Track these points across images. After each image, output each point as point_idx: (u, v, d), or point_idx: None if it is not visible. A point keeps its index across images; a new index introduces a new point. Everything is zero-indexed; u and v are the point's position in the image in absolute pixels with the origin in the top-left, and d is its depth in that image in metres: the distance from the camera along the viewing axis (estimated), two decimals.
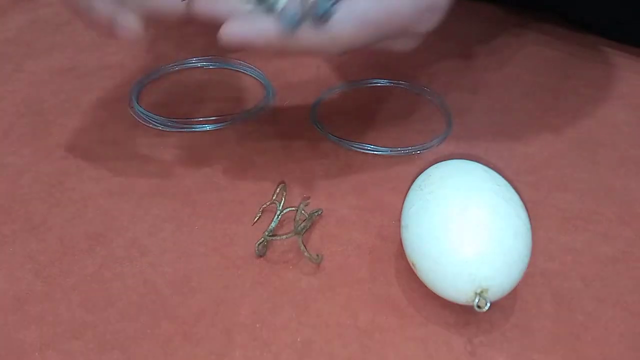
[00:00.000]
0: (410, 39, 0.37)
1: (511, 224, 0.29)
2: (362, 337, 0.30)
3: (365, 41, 0.35)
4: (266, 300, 0.32)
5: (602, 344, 0.30)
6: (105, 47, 0.54)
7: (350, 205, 0.38)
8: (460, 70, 0.51)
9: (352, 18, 0.33)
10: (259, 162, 0.41)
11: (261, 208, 0.37)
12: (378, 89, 0.49)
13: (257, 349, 0.30)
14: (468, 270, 0.28)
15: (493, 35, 0.56)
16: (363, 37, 0.34)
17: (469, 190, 0.30)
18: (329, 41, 0.34)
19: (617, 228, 0.36)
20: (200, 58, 0.52)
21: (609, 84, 0.50)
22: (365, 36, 0.34)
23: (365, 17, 0.33)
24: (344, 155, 0.42)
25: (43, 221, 0.37)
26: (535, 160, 0.42)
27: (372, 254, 0.35)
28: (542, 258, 0.34)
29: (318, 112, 0.46)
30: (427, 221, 0.30)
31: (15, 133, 0.44)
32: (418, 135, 0.43)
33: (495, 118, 0.46)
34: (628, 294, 0.32)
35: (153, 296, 0.32)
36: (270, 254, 0.35)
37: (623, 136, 0.44)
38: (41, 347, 0.30)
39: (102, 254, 0.35)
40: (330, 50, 0.35)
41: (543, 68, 0.51)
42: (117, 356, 0.29)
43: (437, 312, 0.31)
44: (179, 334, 0.30)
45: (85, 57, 0.53)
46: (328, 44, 0.34)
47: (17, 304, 0.32)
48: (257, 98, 0.47)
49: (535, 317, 0.31)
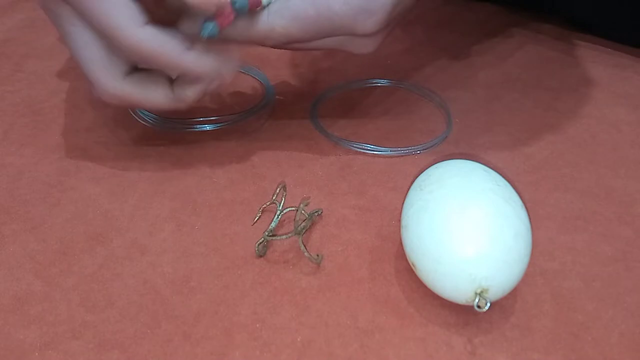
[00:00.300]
0: (362, 41, 0.38)
1: (511, 224, 0.29)
2: (362, 337, 0.30)
3: (300, 36, 0.36)
4: (266, 300, 0.32)
5: (602, 344, 0.30)
6: None
7: (350, 205, 0.38)
8: (460, 70, 0.51)
9: (286, 14, 0.35)
10: (259, 162, 0.41)
11: (261, 208, 0.37)
12: (378, 89, 0.49)
13: (257, 349, 0.30)
14: (468, 270, 0.28)
15: (493, 35, 0.56)
16: (296, 32, 0.36)
17: (469, 190, 0.30)
18: (264, 33, 0.36)
19: (617, 228, 0.36)
20: None
21: (609, 84, 0.50)
22: (298, 31, 0.36)
23: (297, 12, 0.35)
24: (344, 155, 0.42)
25: (43, 221, 0.37)
26: (535, 160, 0.42)
27: (372, 254, 0.35)
28: (542, 258, 0.34)
29: (318, 112, 0.46)
30: (427, 221, 0.30)
31: (15, 133, 0.44)
32: (418, 135, 0.43)
33: (495, 118, 0.46)
34: (628, 294, 0.32)
35: (153, 296, 0.32)
36: (270, 254, 0.35)
37: (623, 136, 0.44)
38: (41, 347, 0.30)
39: (102, 254, 0.35)
40: (266, 42, 0.37)
41: (543, 68, 0.51)
42: (117, 356, 0.29)
43: (437, 312, 0.31)
44: (179, 334, 0.30)
45: None
46: (263, 36, 0.36)
47: (17, 304, 0.32)
48: (257, 98, 0.47)
49: (535, 317, 0.31)
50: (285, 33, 0.36)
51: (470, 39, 0.56)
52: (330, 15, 0.35)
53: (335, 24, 0.36)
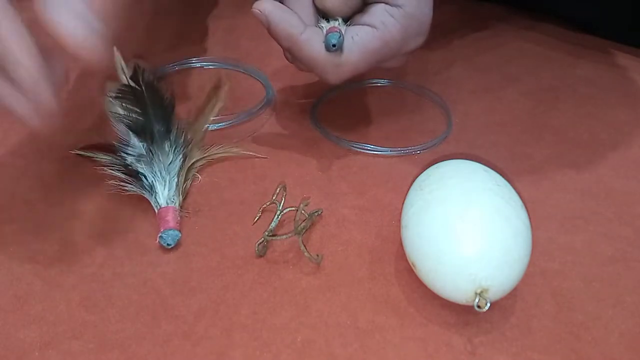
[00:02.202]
0: (400, 58, 0.40)
1: (511, 224, 0.29)
2: (362, 337, 0.30)
3: (365, 68, 0.38)
4: (266, 300, 0.32)
5: (602, 344, 0.30)
6: None
7: (350, 205, 0.38)
8: (460, 71, 0.51)
9: (356, 48, 0.36)
10: (259, 162, 0.41)
11: (261, 208, 0.37)
12: (378, 89, 0.49)
13: (257, 349, 0.30)
14: (468, 270, 0.28)
15: (493, 35, 0.56)
16: (364, 65, 0.37)
17: (469, 190, 0.30)
18: (332, 67, 0.37)
19: (617, 228, 0.36)
20: (200, 58, 0.52)
21: (609, 83, 0.50)
22: (366, 64, 0.37)
23: (365, 46, 0.37)
24: (344, 155, 0.42)
25: (43, 221, 0.37)
26: (535, 160, 0.42)
27: (372, 254, 0.35)
28: (542, 258, 0.34)
29: (318, 112, 0.46)
30: (427, 221, 0.30)
31: (15, 133, 0.44)
32: (418, 135, 0.43)
33: (495, 118, 0.46)
34: (628, 294, 0.32)
35: (153, 296, 0.32)
36: (270, 254, 0.35)
37: (623, 136, 0.44)
38: (41, 347, 0.30)
39: (102, 254, 0.35)
40: (331, 75, 0.38)
41: (543, 68, 0.51)
42: (117, 356, 0.29)
43: (437, 312, 0.31)
44: (179, 334, 0.30)
45: None
46: (331, 69, 0.37)
47: (17, 304, 0.32)
48: (257, 98, 0.47)
49: (535, 317, 0.31)
50: (355, 67, 0.37)
51: (470, 39, 0.56)
52: (393, 44, 0.37)
53: (393, 50, 0.38)
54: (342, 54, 0.36)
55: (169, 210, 0.36)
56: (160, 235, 0.34)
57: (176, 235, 0.35)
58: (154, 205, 0.36)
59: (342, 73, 0.37)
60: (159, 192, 0.37)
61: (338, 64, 0.37)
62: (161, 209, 0.36)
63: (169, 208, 0.36)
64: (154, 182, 0.37)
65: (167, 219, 0.35)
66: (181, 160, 0.39)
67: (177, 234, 0.35)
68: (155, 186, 0.37)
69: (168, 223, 0.35)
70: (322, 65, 0.37)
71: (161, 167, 0.37)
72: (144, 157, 0.37)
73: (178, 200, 0.37)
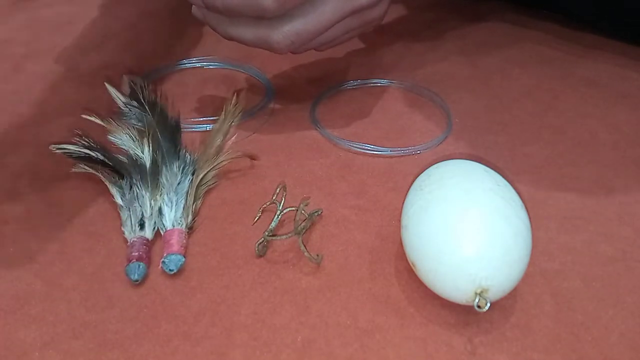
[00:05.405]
0: (371, 12, 0.41)
1: (511, 224, 0.29)
2: (362, 337, 0.30)
3: (341, 17, 0.39)
4: (266, 300, 0.32)
5: (602, 344, 0.30)
6: (105, 47, 0.54)
7: (350, 205, 0.38)
8: (461, 70, 0.51)
9: None
10: (259, 162, 0.41)
11: (261, 208, 0.37)
12: (378, 89, 0.49)
13: (257, 349, 0.30)
14: (468, 270, 0.28)
15: (493, 34, 0.56)
16: (340, 14, 0.39)
17: (469, 190, 0.30)
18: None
19: (617, 228, 0.36)
20: (200, 58, 0.52)
21: (609, 83, 0.50)
22: (341, 13, 0.39)
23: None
24: (344, 155, 0.42)
25: (43, 221, 0.37)
26: (535, 160, 0.42)
27: (372, 254, 0.35)
28: (542, 258, 0.34)
29: (318, 112, 0.46)
30: (427, 221, 0.30)
31: (15, 132, 0.44)
32: (418, 135, 0.43)
33: (495, 118, 0.46)
34: (628, 294, 0.32)
35: (153, 296, 0.32)
36: (270, 254, 0.35)
37: (623, 136, 0.44)
38: (41, 347, 0.30)
39: (102, 254, 0.35)
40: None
41: (543, 68, 0.51)
42: (117, 356, 0.29)
43: (437, 312, 0.31)
44: (179, 334, 0.30)
45: (85, 57, 0.53)
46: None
47: (17, 304, 0.32)
48: (257, 98, 0.47)
49: (535, 317, 0.31)
50: (331, 14, 0.38)
51: (470, 38, 0.56)
52: None
53: None
54: None
55: (174, 234, 0.34)
56: (162, 261, 0.33)
57: (179, 260, 0.33)
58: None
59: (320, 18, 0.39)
60: (165, 214, 0.35)
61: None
62: (166, 231, 0.34)
63: (174, 231, 0.34)
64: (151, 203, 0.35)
65: (171, 243, 0.34)
66: (190, 179, 0.37)
67: (180, 259, 0.33)
68: (163, 208, 0.35)
69: (172, 247, 0.33)
70: None
71: (169, 188, 0.36)
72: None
73: (186, 222, 0.35)
